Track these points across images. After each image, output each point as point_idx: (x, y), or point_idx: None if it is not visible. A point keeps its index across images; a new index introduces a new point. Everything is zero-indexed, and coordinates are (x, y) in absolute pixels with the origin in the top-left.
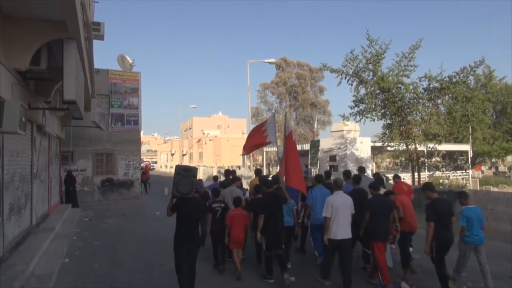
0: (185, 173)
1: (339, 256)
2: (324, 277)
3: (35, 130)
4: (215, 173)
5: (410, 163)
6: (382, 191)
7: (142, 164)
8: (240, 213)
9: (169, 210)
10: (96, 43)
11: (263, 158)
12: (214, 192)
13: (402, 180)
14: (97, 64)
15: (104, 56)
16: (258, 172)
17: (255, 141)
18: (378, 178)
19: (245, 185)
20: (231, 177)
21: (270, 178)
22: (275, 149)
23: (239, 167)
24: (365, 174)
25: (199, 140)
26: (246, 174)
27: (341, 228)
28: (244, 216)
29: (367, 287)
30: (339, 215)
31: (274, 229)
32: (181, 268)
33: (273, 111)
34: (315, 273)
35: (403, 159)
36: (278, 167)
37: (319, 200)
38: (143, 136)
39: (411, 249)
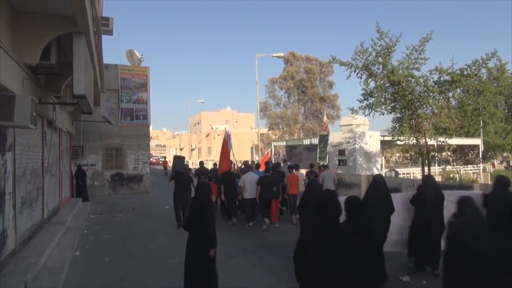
0: (179, 159)
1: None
2: (248, 221)
3: (45, 124)
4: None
5: (420, 158)
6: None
7: (151, 159)
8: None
9: (170, 178)
10: (105, 38)
11: (271, 152)
12: (202, 173)
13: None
14: (106, 60)
15: (113, 52)
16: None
17: (226, 156)
18: (289, 166)
19: None
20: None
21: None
22: (283, 143)
23: (248, 161)
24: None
25: (207, 135)
26: None
27: (249, 192)
28: (214, 187)
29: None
30: (248, 185)
31: (229, 193)
32: (176, 209)
33: (282, 105)
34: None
35: (413, 153)
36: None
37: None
38: (152, 131)
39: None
